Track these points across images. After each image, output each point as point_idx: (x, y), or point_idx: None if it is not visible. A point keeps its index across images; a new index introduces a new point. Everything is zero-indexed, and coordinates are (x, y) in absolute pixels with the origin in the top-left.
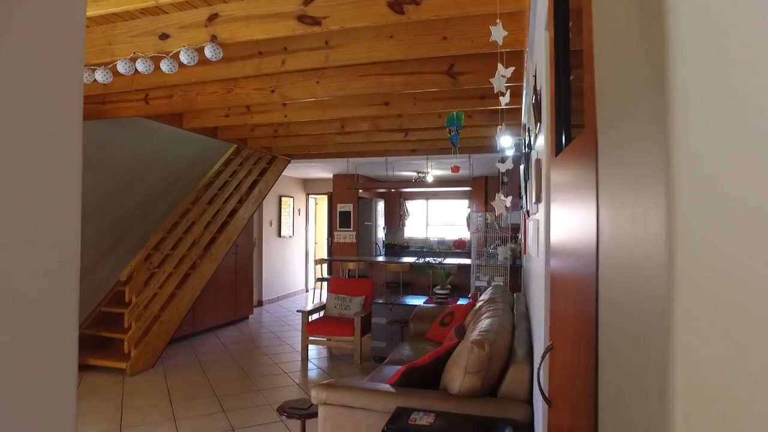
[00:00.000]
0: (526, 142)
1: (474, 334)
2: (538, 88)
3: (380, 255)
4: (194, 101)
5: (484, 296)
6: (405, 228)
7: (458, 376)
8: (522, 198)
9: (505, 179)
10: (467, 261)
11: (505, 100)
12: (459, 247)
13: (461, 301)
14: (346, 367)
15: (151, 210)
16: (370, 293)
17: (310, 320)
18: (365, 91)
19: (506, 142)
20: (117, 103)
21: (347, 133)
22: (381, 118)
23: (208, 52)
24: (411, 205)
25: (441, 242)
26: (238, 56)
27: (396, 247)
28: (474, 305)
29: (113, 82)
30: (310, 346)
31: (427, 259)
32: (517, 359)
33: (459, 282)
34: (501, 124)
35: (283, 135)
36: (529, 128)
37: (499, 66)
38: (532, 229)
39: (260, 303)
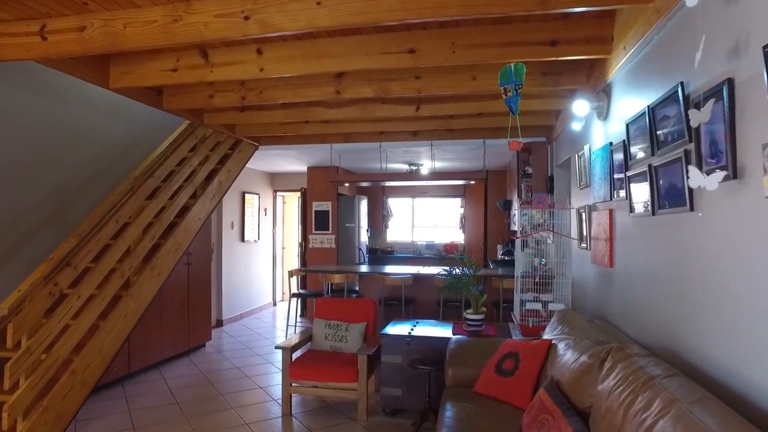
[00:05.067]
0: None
1: None
2: None
3: (364, 262)
4: (121, 37)
5: (560, 328)
6: (388, 230)
7: None
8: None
9: (528, 170)
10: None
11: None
12: (450, 252)
13: (515, 336)
14: (349, 427)
15: (66, 207)
16: (372, 318)
17: (293, 358)
18: (394, 15)
19: (581, 108)
20: None
21: (340, 104)
22: (393, 79)
23: None
24: (394, 204)
25: (430, 246)
26: None
27: (378, 252)
28: (550, 344)
29: None
30: (295, 394)
31: (455, 270)
32: None
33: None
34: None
35: (254, 105)
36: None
37: None
38: None
39: (219, 323)
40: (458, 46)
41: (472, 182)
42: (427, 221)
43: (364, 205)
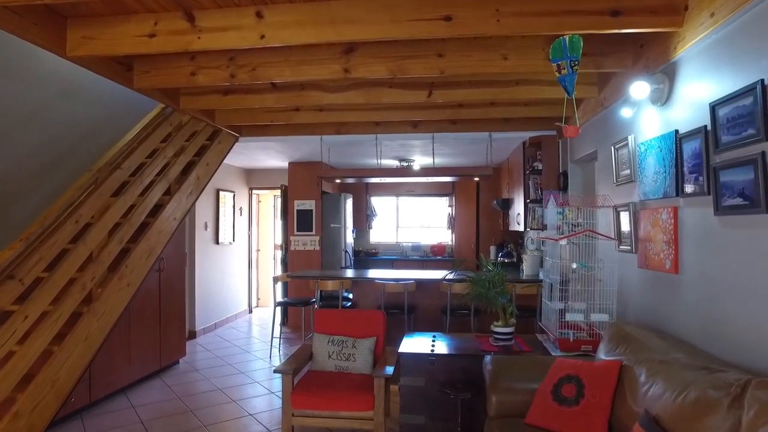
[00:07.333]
0: None
1: None
2: None
3: (350, 266)
4: None
5: (622, 346)
6: (371, 231)
7: None
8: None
9: (537, 166)
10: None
11: None
12: (438, 254)
13: (553, 351)
14: None
15: (10, 205)
16: (382, 332)
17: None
18: None
19: (640, 91)
20: None
21: (341, 88)
22: (413, 57)
23: None
24: (378, 203)
25: (416, 247)
26: None
27: (362, 254)
28: (621, 366)
29: None
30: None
31: (483, 276)
32: None
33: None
34: None
35: (242, 87)
36: None
37: None
38: None
39: (192, 334)
40: (503, 14)
41: (476, 179)
42: (413, 221)
43: (350, 204)
